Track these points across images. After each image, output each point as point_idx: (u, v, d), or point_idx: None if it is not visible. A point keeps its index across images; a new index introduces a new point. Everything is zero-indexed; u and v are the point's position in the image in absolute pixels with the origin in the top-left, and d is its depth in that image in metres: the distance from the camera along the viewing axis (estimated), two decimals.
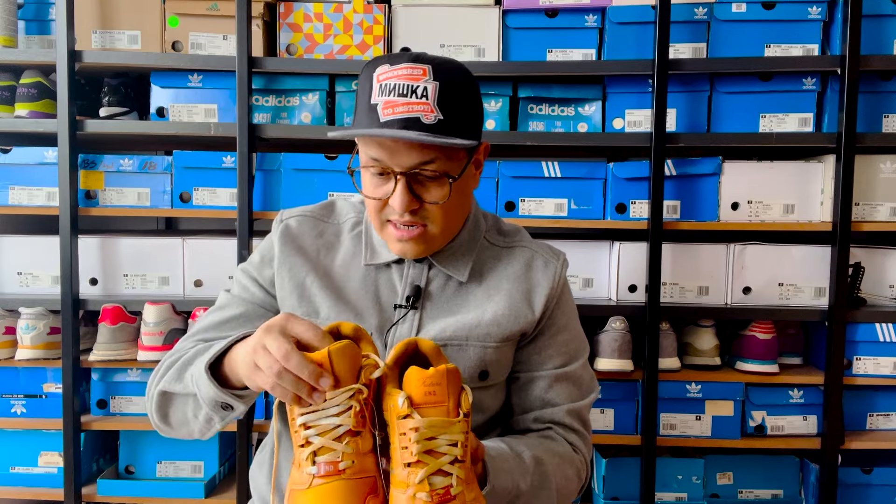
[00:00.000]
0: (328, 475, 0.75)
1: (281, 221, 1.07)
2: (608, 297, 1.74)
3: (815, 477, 1.69)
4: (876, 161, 1.67)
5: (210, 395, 0.85)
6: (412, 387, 0.77)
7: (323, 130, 1.66)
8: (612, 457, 1.70)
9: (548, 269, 1.04)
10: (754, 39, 1.65)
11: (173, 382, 0.92)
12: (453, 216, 0.98)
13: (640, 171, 1.67)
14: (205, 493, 1.70)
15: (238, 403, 0.86)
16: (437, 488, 0.75)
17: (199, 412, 0.90)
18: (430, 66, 0.89)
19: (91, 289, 1.74)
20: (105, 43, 1.70)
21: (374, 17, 1.67)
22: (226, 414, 0.88)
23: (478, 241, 1.05)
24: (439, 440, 0.76)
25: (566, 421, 1.02)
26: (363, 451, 0.78)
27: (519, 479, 0.90)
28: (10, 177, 1.72)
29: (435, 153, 0.90)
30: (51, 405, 1.72)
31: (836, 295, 1.64)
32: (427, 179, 0.92)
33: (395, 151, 0.90)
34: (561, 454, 0.98)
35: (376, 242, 1.03)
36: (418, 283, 1.00)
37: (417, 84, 0.88)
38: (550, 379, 1.02)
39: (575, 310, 1.09)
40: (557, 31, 1.67)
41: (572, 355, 1.05)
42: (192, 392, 0.88)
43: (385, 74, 0.89)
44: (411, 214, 0.93)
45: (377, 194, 0.94)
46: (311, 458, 0.76)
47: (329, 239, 1.06)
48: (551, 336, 1.03)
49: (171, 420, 0.96)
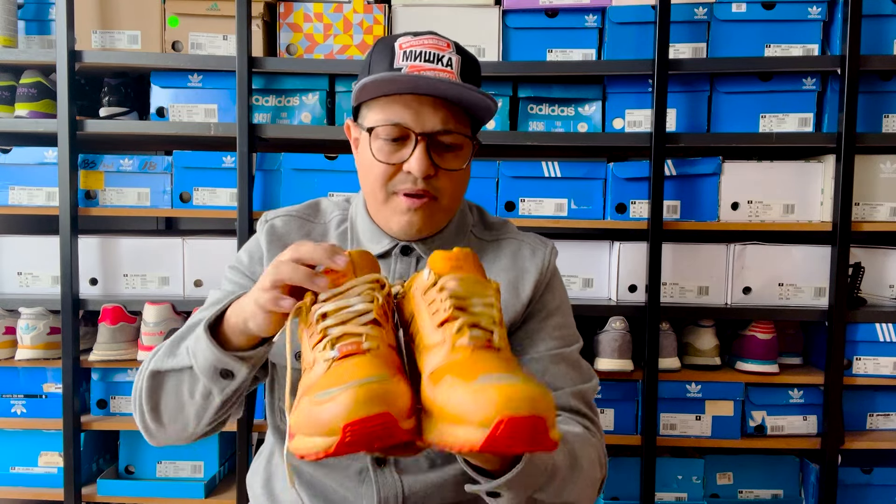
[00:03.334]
0: (350, 354, 0.65)
1: (266, 221, 1.03)
2: (608, 297, 1.74)
3: (815, 477, 1.69)
4: (876, 161, 1.67)
5: (209, 359, 0.81)
6: (437, 264, 0.71)
7: (323, 130, 1.66)
8: (612, 457, 1.70)
9: (535, 256, 1.01)
10: (754, 39, 1.65)
11: (165, 359, 0.87)
12: (459, 194, 0.97)
13: (640, 171, 1.67)
14: (205, 493, 1.70)
15: (240, 366, 0.81)
16: (478, 337, 0.66)
17: (195, 388, 0.85)
18: (453, 42, 0.93)
19: (91, 289, 1.74)
20: (105, 43, 1.70)
21: (374, 17, 1.68)
22: (225, 384, 0.83)
23: (465, 235, 1.03)
24: (473, 300, 0.68)
25: (573, 404, 0.95)
26: (388, 342, 0.68)
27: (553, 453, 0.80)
28: (10, 177, 1.72)
29: (457, 117, 0.92)
30: (51, 405, 1.72)
31: (836, 295, 1.64)
32: (444, 149, 0.92)
33: (420, 111, 0.89)
34: (580, 436, 0.90)
35: (362, 237, 1.01)
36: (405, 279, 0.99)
37: (444, 53, 0.90)
38: (546, 361, 0.96)
39: (567, 299, 1.04)
40: (557, 31, 1.67)
41: (566, 340, 0.99)
42: (188, 365, 0.84)
43: (409, 42, 0.91)
44: (425, 181, 0.91)
45: (391, 160, 0.91)
46: (328, 345, 0.67)
47: (315, 239, 1.02)
48: (541, 320, 0.99)
49: (163, 410, 0.89)
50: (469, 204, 1.08)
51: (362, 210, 1.02)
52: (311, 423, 0.59)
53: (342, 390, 0.58)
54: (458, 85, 0.88)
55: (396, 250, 0.99)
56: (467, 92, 0.88)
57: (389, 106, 0.90)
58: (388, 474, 0.95)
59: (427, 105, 0.89)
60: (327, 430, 0.58)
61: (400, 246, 0.99)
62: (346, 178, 1.69)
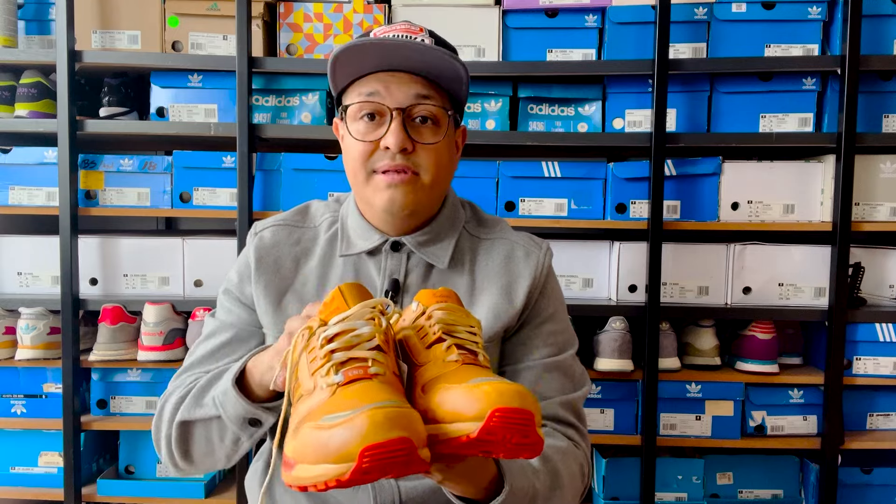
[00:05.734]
0: (356, 379, 0.63)
1: (255, 234, 1.03)
2: (608, 297, 1.74)
3: (815, 477, 1.69)
4: (876, 161, 1.67)
5: (238, 411, 0.85)
6: (424, 299, 0.74)
7: (323, 130, 1.66)
8: (612, 457, 1.70)
9: (529, 259, 1.00)
10: (754, 39, 1.65)
11: (193, 409, 0.90)
12: (442, 170, 0.96)
13: (640, 171, 1.67)
14: (205, 493, 1.70)
15: (267, 416, 0.85)
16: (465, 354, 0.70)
17: (224, 435, 0.89)
18: (427, 29, 0.95)
19: (91, 289, 1.74)
20: (105, 43, 1.70)
21: (374, 18, 1.67)
22: (253, 431, 0.87)
23: (458, 228, 1.02)
24: (459, 327, 0.71)
25: (560, 414, 0.96)
26: (392, 368, 0.67)
27: (533, 478, 0.83)
28: (10, 177, 1.72)
29: (431, 90, 0.93)
30: (51, 405, 1.72)
31: (836, 295, 1.64)
32: (420, 125, 0.93)
33: (391, 85, 0.91)
34: (563, 450, 0.92)
35: (352, 233, 1.00)
36: (396, 277, 0.98)
37: (415, 36, 0.92)
38: (539, 370, 0.97)
39: (562, 301, 1.04)
40: (557, 31, 1.67)
41: (560, 346, 0.99)
42: (215, 415, 0.88)
43: (382, 28, 0.94)
44: (403, 155, 0.91)
45: (368, 138, 0.92)
46: (332, 370, 0.64)
47: (306, 245, 1.02)
48: (536, 327, 0.99)
49: (194, 454, 0.93)
50: (462, 200, 1.08)
51: (353, 208, 1.02)
52: (318, 449, 0.56)
53: (356, 413, 0.55)
54: (424, 47, 0.88)
55: (387, 246, 0.99)
56: (436, 57, 0.89)
57: (363, 85, 0.93)
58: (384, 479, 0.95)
59: (399, 79, 0.91)
60: (338, 457, 0.54)
61: (390, 241, 0.98)
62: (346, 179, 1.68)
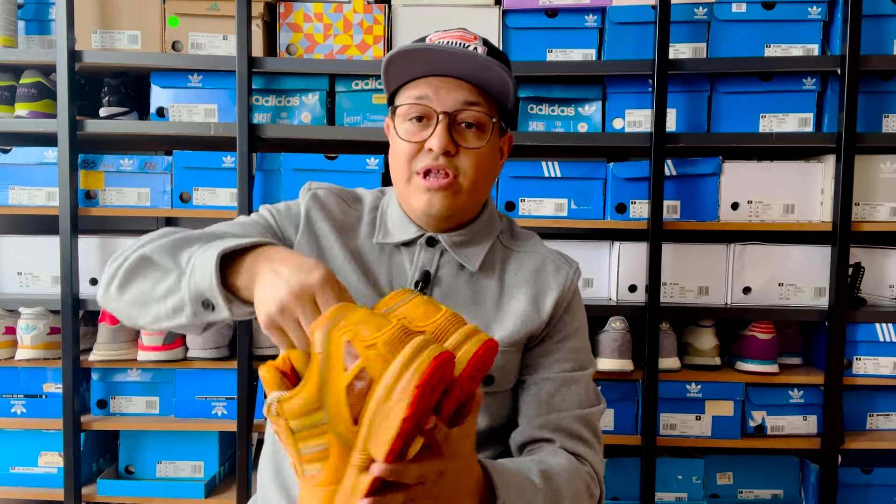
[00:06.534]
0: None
1: (309, 189, 1.06)
2: (608, 297, 1.74)
3: (815, 477, 1.69)
4: (876, 161, 1.67)
5: (204, 283, 0.77)
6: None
7: (323, 130, 1.66)
8: (612, 457, 1.70)
9: (559, 274, 1.02)
10: (754, 39, 1.65)
11: (163, 253, 0.83)
12: (483, 176, 0.98)
13: (640, 171, 1.67)
14: (205, 493, 1.70)
15: (224, 308, 0.77)
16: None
17: (172, 296, 0.81)
18: (481, 37, 0.97)
19: (91, 289, 1.74)
20: (105, 43, 1.70)
21: (374, 17, 1.67)
22: (202, 313, 0.79)
23: (493, 235, 1.04)
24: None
25: (574, 428, 0.96)
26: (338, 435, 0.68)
27: (532, 496, 0.82)
28: (10, 177, 1.72)
29: (479, 96, 0.95)
30: (51, 405, 1.72)
31: (836, 295, 1.64)
32: (465, 130, 0.94)
33: (441, 90, 0.93)
34: (568, 468, 0.91)
35: (390, 224, 1.03)
36: (428, 269, 0.99)
37: (470, 44, 0.94)
38: (558, 382, 0.98)
39: (584, 322, 1.06)
40: (557, 31, 1.68)
41: (581, 364, 1.01)
42: (180, 270, 0.81)
43: (437, 34, 0.97)
44: (446, 157, 0.93)
45: (414, 139, 0.94)
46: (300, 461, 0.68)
47: (349, 221, 1.04)
48: (559, 341, 1.01)
49: (130, 290, 0.85)
50: (500, 213, 1.10)
51: (394, 200, 1.04)
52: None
53: None
54: (474, 55, 0.90)
55: (422, 240, 1.01)
56: (484, 67, 0.91)
57: (414, 88, 0.95)
58: None
59: (449, 85, 0.94)
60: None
61: (426, 236, 1.00)
62: (347, 178, 1.68)
